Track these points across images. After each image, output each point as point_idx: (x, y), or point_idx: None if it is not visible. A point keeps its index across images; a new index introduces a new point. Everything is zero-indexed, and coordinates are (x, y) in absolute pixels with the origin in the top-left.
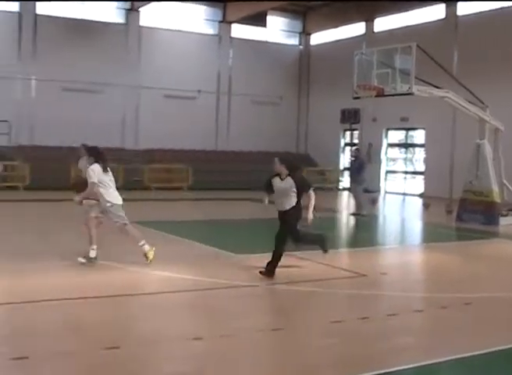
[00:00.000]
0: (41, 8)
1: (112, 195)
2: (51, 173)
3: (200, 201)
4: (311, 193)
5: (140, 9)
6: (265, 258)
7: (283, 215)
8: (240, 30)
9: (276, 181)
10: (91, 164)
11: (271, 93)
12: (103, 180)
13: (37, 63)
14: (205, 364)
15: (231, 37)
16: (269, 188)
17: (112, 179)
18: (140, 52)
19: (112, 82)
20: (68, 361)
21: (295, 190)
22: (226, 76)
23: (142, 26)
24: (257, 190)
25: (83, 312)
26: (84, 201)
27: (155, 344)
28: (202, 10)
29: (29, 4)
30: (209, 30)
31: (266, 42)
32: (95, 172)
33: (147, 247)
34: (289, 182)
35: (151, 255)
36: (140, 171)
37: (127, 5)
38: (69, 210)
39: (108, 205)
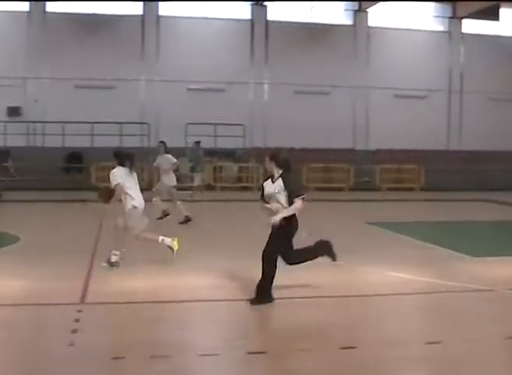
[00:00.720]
0: (272, 15)
1: (137, 198)
2: None
3: (432, 202)
4: (297, 202)
5: (367, 10)
6: (503, 262)
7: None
8: (471, 26)
9: (267, 184)
10: (114, 167)
11: (508, 89)
12: (128, 183)
13: (268, 68)
14: (442, 368)
15: (462, 33)
16: (263, 194)
17: (137, 182)
18: (369, 52)
19: (341, 83)
20: (304, 358)
21: (284, 195)
22: (458, 74)
23: (370, 27)
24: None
25: (319, 311)
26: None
27: (392, 346)
28: (431, 7)
29: (261, 11)
30: (438, 26)
31: (499, 36)
32: (116, 175)
33: (168, 240)
34: (278, 184)
35: (175, 245)
36: (370, 171)
37: (355, 6)
38: (305, 209)
39: (131, 207)
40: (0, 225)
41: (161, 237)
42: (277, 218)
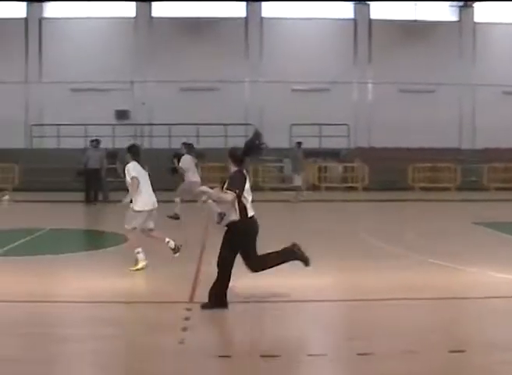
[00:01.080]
0: (375, 13)
1: (143, 198)
2: (389, 173)
3: None
4: (229, 194)
5: (473, 5)
6: None
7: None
8: None
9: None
10: (128, 162)
11: None
12: (142, 179)
13: (372, 67)
14: None
15: None
16: None
17: (148, 180)
18: (475, 49)
19: (446, 81)
20: (412, 361)
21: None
22: None
23: (476, 23)
24: None
25: (424, 313)
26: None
27: (502, 350)
28: None
29: (364, 9)
30: None
31: None
32: (131, 169)
33: (141, 256)
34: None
35: (140, 265)
36: (477, 171)
37: (460, 2)
38: (410, 209)
39: (137, 209)
40: (109, 225)
41: (139, 249)
42: (204, 188)
